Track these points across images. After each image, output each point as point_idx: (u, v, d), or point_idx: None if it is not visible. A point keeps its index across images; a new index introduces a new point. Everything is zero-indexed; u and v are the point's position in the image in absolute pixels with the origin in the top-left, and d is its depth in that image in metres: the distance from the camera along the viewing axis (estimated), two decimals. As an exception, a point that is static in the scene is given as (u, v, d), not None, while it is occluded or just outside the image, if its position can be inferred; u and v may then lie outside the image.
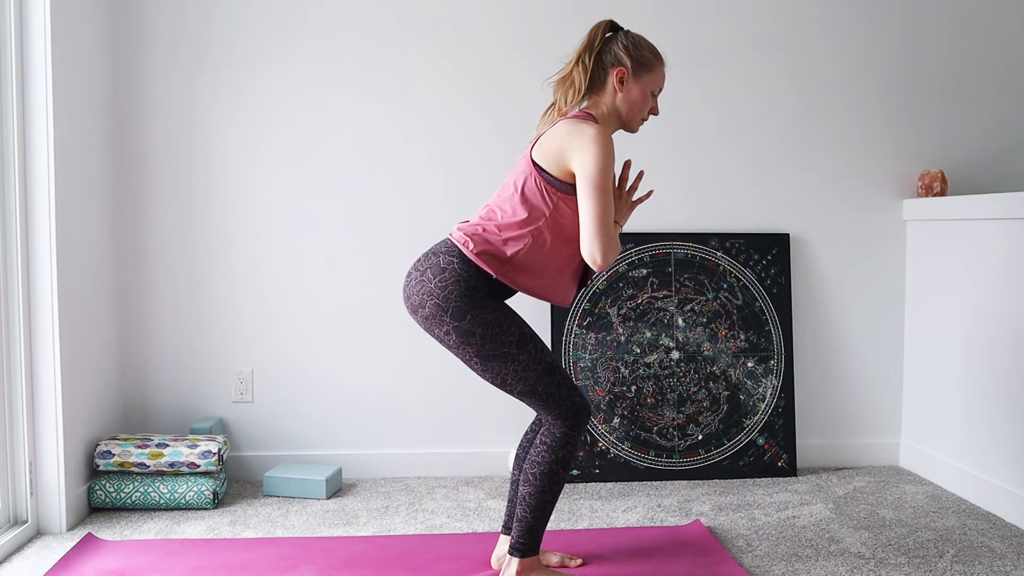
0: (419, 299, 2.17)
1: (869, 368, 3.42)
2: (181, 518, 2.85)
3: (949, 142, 3.41)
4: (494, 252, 2.17)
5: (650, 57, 2.24)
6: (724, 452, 3.26)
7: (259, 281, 3.26)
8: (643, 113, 2.27)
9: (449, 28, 3.26)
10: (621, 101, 2.24)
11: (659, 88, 2.28)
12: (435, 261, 2.18)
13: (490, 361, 2.17)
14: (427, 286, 2.16)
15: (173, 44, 3.19)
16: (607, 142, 2.10)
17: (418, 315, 2.19)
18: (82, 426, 2.87)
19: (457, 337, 2.15)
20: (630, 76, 2.22)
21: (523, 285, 2.20)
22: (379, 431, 3.31)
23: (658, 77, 2.26)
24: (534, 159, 2.19)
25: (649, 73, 2.24)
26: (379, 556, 2.50)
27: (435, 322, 2.16)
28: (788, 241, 3.35)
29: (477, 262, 2.14)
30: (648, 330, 3.28)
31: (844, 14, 3.35)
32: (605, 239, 2.08)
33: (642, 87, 2.24)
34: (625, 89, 2.23)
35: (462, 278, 2.14)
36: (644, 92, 2.24)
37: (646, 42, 2.26)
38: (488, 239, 2.17)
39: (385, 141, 3.26)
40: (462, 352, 2.18)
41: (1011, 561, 2.46)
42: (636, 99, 2.24)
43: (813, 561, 2.48)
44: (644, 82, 2.24)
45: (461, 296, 2.13)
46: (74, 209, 2.80)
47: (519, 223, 2.17)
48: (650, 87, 2.25)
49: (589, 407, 2.27)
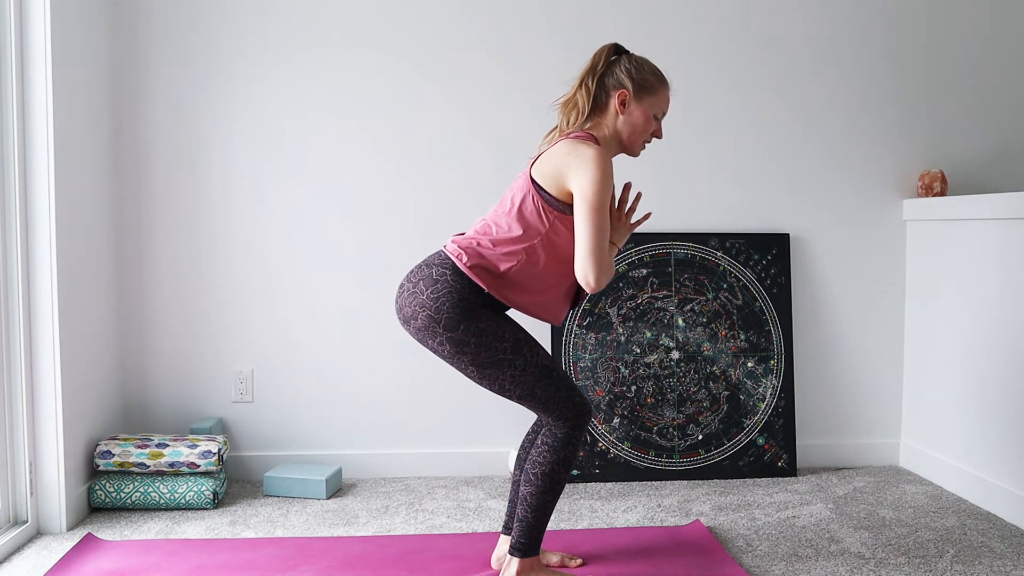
0: (411, 311, 2.18)
1: (869, 368, 3.42)
2: (181, 518, 2.85)
3: (949, 142, 3.41)
4: (487, 266, 2.17)
5: (653, 80, 2.24)
6: (724, 452, 3.26)
7: (259, 281, 3.26)
8: (645, 136, 2.27)
9: (452, 32, 3.26)
10: (623, 124, 2.24)
11: (662, 111, 2.27)
12: (427, 273, 2.19)
13: (486, 369, 2.17)
14: (419, 297, 2.17)
15: (173, 44, 3.19)
16: (606, 163, 2.11)
17: (411, 326, 2.19)
18: (82, 426, 2.87)
19: (451, 347, 2.15)
20: (632, 98, 2.23)
21: (515, 301, 2.20)
22: (379, 431, 3.31)
23: (661, 100, 2.26)
24: (533, 177, 2.19)
25: (652, 96, 2.24)
26: (379, 556, 2.50)
27: (428, 333, 2.16)
28: (788, 241, 3.35)
29: (470, 275, 2.14)
30: (648, 330, 3.28)
31: (844, 14, 3.35)
32: (599, 261, 2.09)
33: (644, 110, 2.23)
34: (627, 112, 2.23)
35: (454, 289, 2.15)
36: (646, 115, 2.24)
37: (650, 65, 2.26)
38: (482, 253, 2.17)
39: (386, 142, 3.26)
40: (457, 361, 2.18)
41: (1011, 561, 2.46)
42: (638, 122, 2.24)
43: (813, 561, 2.48)
44: (646, 105, 2.23)
45: (453, 307, 2.14)
46: (74, 209, 2.80)
47: (514, 239, 2.17)
48: (653, 110, 2.25)
49: (590, 407, 2.27)
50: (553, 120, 2.35)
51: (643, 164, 3.29)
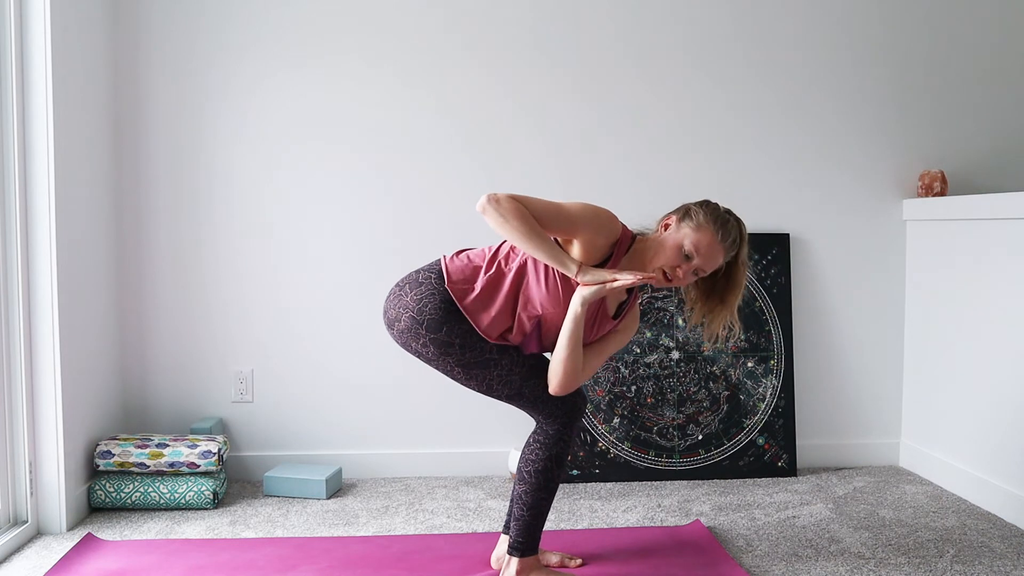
0: (395, 313, 2.19)
1: (869, 368, 3.42)
2: (181, 518, 2.85)
3: (949, 142, 3.40)
4: (464, 288, 2.18)
5: (701, 216, 2.16)
6: (724, 452, 3.26)
7: (259, 281, 3.26)
8: (666, 262, 2.15)
9: (455, 34, 3.26)
10: (655, 240, 2.20)
11: (693, 249, 2.13)
12: (414, 277, 2.22)
13: (473, 369, 2.18)
14: (403, 300, 2.19)
15: (173, 44, 3.19)
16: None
17: (394, 329, 2.20)
18: (82, 426, 2.87)
19: (436, 349, 2.16)
20: (675, 223, 2.19)
21: (482, 324, 2.17)
22: (379, 431, 3.31)
23: (697, 231, 2.14)
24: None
25: (690, 224, 2.16)
26: (379, 556, 2.50)
27: (411, 336, 2.17)
28: (788, 241, 3.35)
29: (449, 289, 2.17)
30: (648, 330, 3.28)
31: (844, 14, 3.35)
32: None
33: (677, 237, 2.16)
34: (667, 232, 2.19)
35: (437, 291, 2.17)
36: (677, 242, 2.16)
37: (713, 207, 2.19)
38: (464, 272, 2.20)
39: (388, 144, 3.26)
40: (442, 363, 2.19)
41: (1011, 561, 2.46)
42: (666, 245, 2.16)
43: (813, 561, 2.48)
44: (682, 232, 2.16)
45: (436, 309, 2.15)
46: (74, 209, 2.80)
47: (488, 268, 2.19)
48: (684, 240, 2.14)
49: (582, 405, 2.28)
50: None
51: (643, 164, 3.30)
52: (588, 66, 3.28)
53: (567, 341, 2.14)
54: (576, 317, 2.12)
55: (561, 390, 2.18)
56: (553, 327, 2.20)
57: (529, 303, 2.17)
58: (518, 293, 2.18)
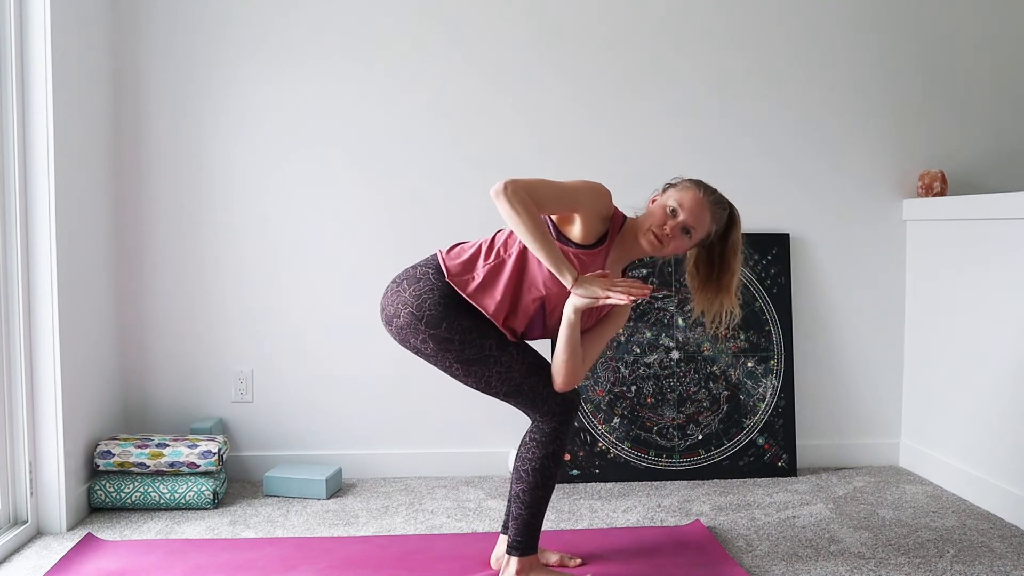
0: (393, 309, 2.19)
1: (869, 368, 3.42)
2: (181, 518, 2.85)
3: (949, 142, 3.40)
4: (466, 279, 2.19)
5: (684, 181, 2.23)
6: (724, 452, 3.26)
7: (259, 281, 3.26)
8: (654, 222, 2.18)
9: (452, 35, 3.26)
10: (644, 215, 2.24)
11: (677, 204, 2.17)
12: (412, 273, 2.23)
13: (472, 365, 2.18)
14: (402, 296, 2.19)
15: (173, 43, 3.19)
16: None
17: (392, 325, 2.20)
18: (82, 426, 2.87)
19: (435, 345, 2.16)
20: (660, 194, 2.25)
21: (489, 308, 2.18)
22: (379, 431, 3.31)
23: (680, 191, 2.20)
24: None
25: (674, 189, 2.22)
26: (379, 556, 2.50)
27: (410, 332, 2.17)
28: (788, 241, 3.35)
29: (450, 281, 2.17)
30: (648, 330, 3.28)
31: (844, 14, 3.35)
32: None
33: (662, 201, 2.21)
34: (654, 204, 2.23)
35: (436, 287, 2.17)
36: (662, 204, 2.20)
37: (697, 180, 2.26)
38: (462, 265, 2.20)
39: (386, 145, 3.26)
40: (441, 360, 2.19)
41: (1011, 561, 2.46)
42: (654, 210, 2.21)
43: (813, 561, 2.48)
44: (667, 195, 2.21)
45: (435, 304, 2.15)
46: (74, 209, 2.81)
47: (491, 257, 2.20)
48: (668, 199, 2.19)
49: (576, 401, 2.29)
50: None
51: (641, 165, 3.30)
52: (584, 67, 3.28)
53: (565, 345, 2.18)
54: (571, 323, 2.16)
55: (566, 386, 2.23)
56: (557, 308, 2.22)
57: (533, 286, 2.19)
58: (521, 277, 2.19)
